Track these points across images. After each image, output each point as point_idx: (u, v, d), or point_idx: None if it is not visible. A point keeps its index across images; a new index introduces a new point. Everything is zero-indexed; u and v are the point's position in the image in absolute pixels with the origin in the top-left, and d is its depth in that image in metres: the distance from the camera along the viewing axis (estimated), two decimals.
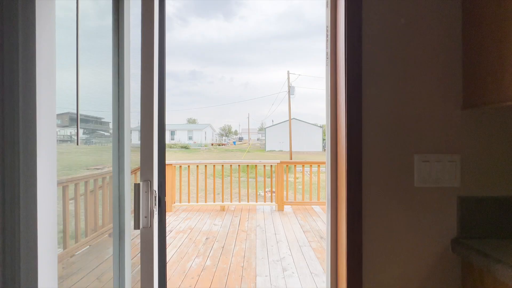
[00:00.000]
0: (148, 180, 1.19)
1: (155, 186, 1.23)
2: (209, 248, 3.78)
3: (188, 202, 5.79)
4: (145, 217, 1.19)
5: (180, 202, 5.83)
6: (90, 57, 1.32)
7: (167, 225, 4.77)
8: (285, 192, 5.73)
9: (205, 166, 6.01)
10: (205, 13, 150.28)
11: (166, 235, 4.34)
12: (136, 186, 1.16)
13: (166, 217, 5.38)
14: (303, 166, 5.98)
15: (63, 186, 2.06)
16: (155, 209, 1.21)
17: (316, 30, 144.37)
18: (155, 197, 1.23)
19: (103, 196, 1.75)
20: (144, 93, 1.18)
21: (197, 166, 5.79)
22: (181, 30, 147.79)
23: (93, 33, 1.36)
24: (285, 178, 5.82)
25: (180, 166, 6.10)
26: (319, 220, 5.07)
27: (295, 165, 6.18)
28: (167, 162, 6.20)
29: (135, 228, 1.16)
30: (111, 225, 1.38)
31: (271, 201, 5.88)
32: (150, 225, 1.19)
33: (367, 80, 1.10)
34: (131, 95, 1.35)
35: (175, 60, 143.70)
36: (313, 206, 5.93)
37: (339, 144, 1.20)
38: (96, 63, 1.38)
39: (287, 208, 5.82)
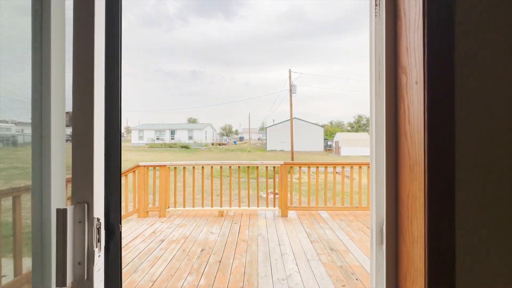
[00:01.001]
0: (84, 202, 0.71)
1: (98, 212, 0.75)
2: (204, 262, 3.31)
3: (184, 206, 5.31)
4: (78, 263, 0.71)
5: (174, 207, 5.36)
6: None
7: (159, 234, 4.28)
8: (289, 195, 5.25)
9: (202, 167, 5.53)
10: (206, 13, 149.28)
11: (156, 246, 3.83)
12: (60, 213, 0.68)
13: (159, 224, 4.88)
14: (308, 167, 5.50)
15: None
16: (96, 249, 0.74)
17: (317, 29, 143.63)
18: (99, 228, 0.75)
19: None
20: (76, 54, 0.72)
21: (194, 167, 5.31)
22: (182, 30, 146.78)
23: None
24: (289, 180, 5.34)
25: (175, 168, 5.63)
26: (326, 227, 4.59)
27: (300, 167, 5.70)
28: (161, 163, 5.55)
29: (57, 286, 0.69)
30: None
31: (274, 206, 5.40)
32: (88, 277, 0.72)
33: (464, 29, 0.63)
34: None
35: (176, 60, 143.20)
36: (319, 212, 5.45)
37: (402, 140, 0.72)
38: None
39: (291, 213, 5.34)
